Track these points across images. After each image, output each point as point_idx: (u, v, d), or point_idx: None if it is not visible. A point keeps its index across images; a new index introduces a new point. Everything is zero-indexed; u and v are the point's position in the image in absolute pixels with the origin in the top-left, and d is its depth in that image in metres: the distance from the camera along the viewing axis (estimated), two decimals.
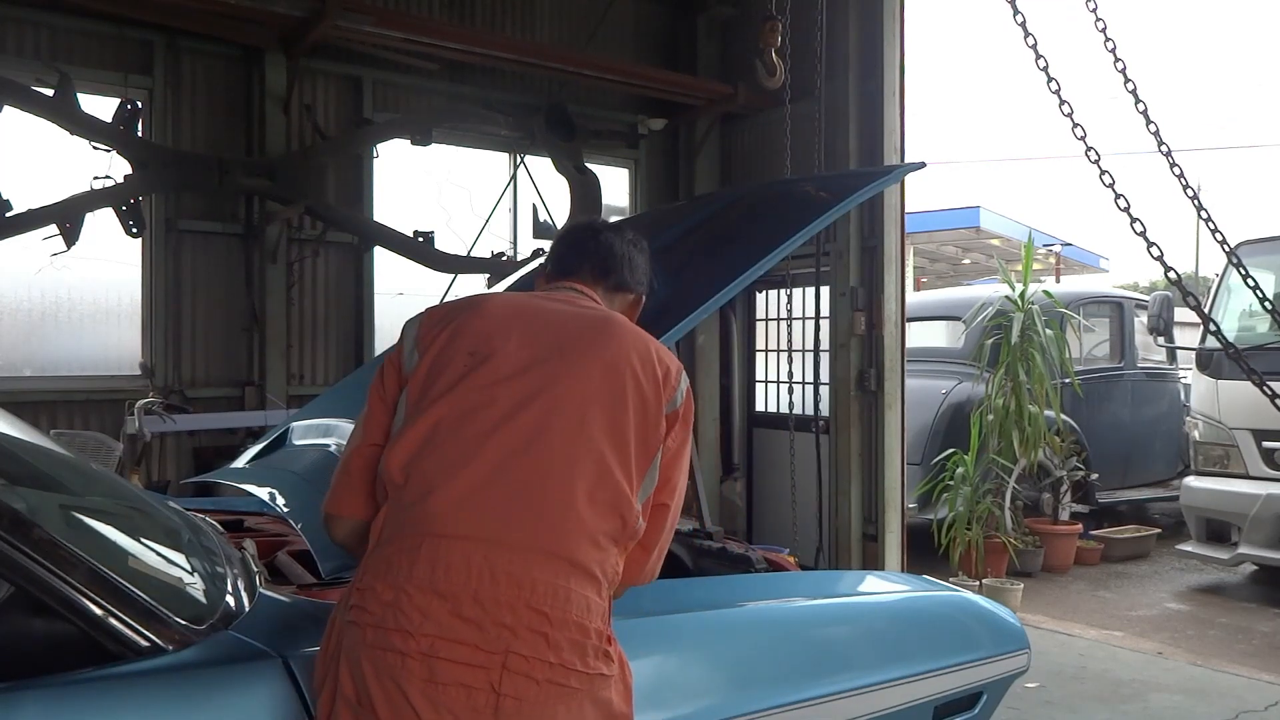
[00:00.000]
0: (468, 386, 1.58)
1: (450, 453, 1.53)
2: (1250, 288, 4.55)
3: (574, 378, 1.59)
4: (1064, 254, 19.84)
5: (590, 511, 1.52)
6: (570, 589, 1.48)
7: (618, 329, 1.69)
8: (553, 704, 1.44)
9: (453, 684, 1.41)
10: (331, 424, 2.74)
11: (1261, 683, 4.71)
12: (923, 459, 7.21)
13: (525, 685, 1.42)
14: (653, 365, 1.65)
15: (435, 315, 1.72)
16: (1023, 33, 3.82)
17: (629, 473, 1.57)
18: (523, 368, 1.60)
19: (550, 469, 1.52)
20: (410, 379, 1.64)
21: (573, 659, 1.45)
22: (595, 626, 1.50)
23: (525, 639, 1.43)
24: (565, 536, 1.49)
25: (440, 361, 1.62)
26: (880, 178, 3.08)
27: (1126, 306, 9.12)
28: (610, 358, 1.62)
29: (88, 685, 1.39)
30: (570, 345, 1.63)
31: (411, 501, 1.52)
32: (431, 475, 1.52)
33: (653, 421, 1.63)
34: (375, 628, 1.45)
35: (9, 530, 1.39)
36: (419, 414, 1.58)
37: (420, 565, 1.46)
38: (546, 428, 1.54)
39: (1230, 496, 6.56)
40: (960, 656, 2.37)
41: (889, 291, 6.03)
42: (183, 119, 5.82)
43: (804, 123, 5.69)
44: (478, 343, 1.63)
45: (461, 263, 6.27)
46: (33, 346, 5.63)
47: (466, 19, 6.72)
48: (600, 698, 1.49)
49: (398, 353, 1.73)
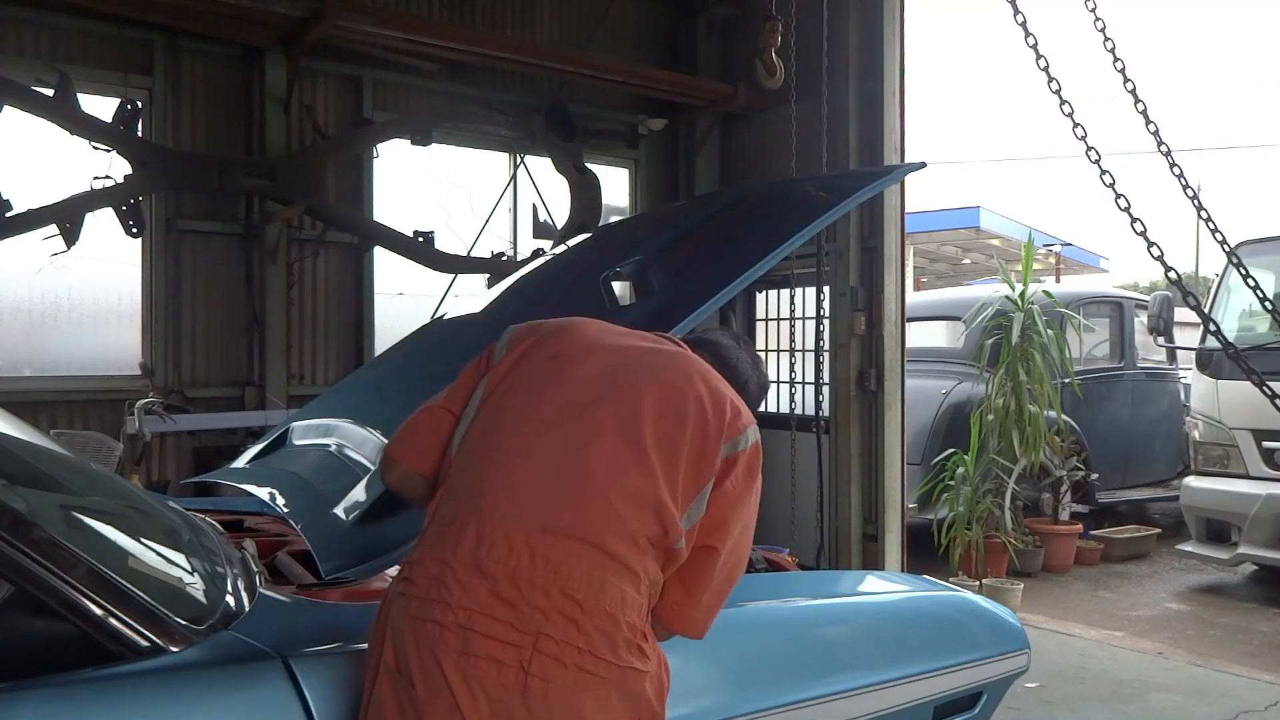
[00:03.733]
0: (540, 384, 1.67)
1: (510, 441, 1.61)
2: (1250, 288, 4.55)
3: (640, 391, 1.65)
4: (1064, 254, 19.84)
5: (631, 511, 1.55)
6: (606, 580, 1.51)
7: (698, 364, 1.76)
8: (579, 690, 1.47)
9: (484, 658, 1.45)
10: (331, 424, 2.74)
11: (1261, 683, 4.71)
12: (923, 459, 7.21)
13: (553, 668, 1.46)
14: (722, 403, 1.68)
15: (535, 324, 1.82)
16: (1023, 33, 3.82)
17: (674, 489, 1.59)
18: (595, 377, 1.67)
19: (599, 467, 1.57)
20: (493, 370, 1.74)
21: (602, 648, 1.48)
22: (628, 620, 1.52)
23: (556, 623, 1.47)
24: (605, 530, 1.53)
25: (523, 361, 1.73)
26: (880, 178, 3.07)
27: (1126, 306, 9.12)
28: (679, 383, 1.68)
29: (88, 685, 1.39)
30: (644, 365, 1.71)
31: (467, 483, 1.60)
32: (488, 460, 1.60)
33: (710, 451, 1.63)
34: (420, 599, 1.51)
35: (9, 530, 1.39)
36: (491, 403, 1.68)
37: (466, 542, 1.52)
38: (602, 430, 1.60)
39: (1230, 496, 6.56)
40: (960, 656, 2.37)
41: (889, 291, 6.03)
42: (183, 119, 5.82)
43: (805, 122, 5.68)
44: (560, 350, 1.72)
45: (461, 263, 6.26)
46: (33, 346, 5.63)
47: (466, 19, 6.72)
48: (630, 691, 1.52)
49: (492, 347, 1.82)
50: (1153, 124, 3.93)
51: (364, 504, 2.14)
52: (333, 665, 1.62)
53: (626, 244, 3.01)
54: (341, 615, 1.85)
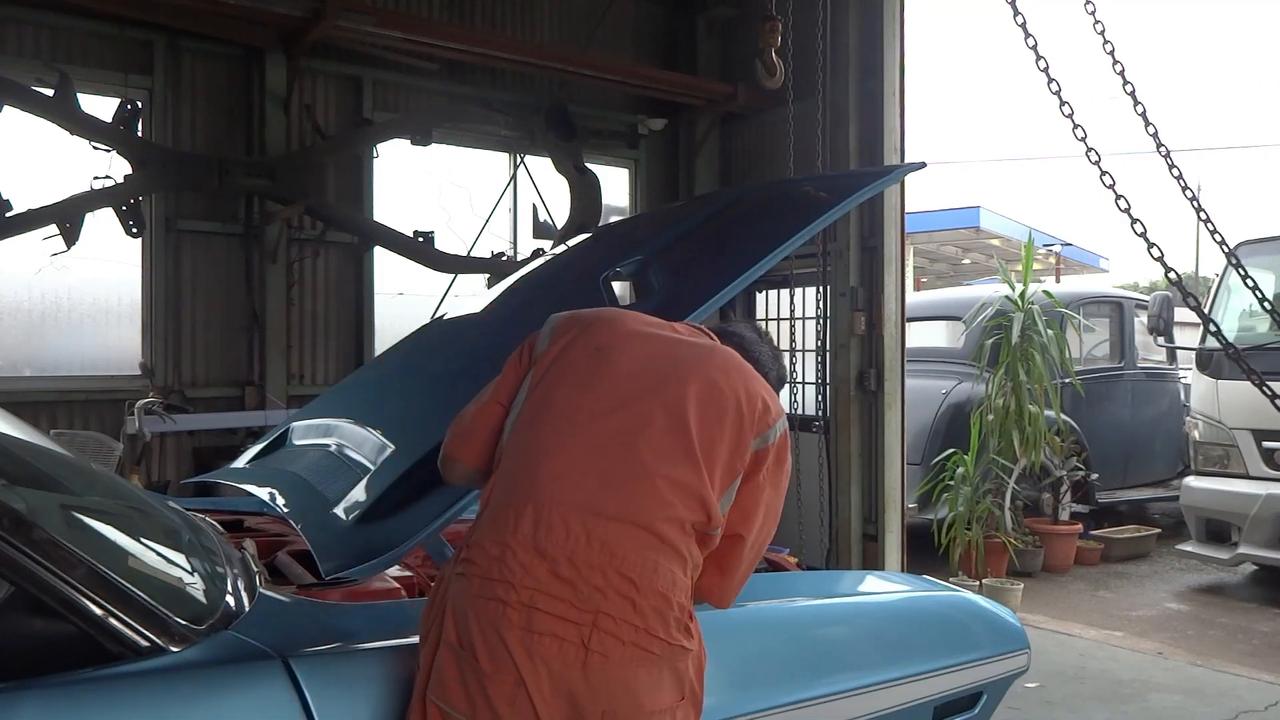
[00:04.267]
0: (587, 374, 1.73)
1: (564, 428, 1.67)
2: (1250, 288, 4.55)
3: (684, 384, 1.72)
4: (1064, 254, 19.82)
5: (678, 497, 1.63)
6: (658, 561, 1.58)
7: (733, 358, 1.84)
8: (635, 666, 1.54)
9: (547, 634, 1.52)
10: (331, 424, 2.74)
11: (1262, 683, 4.71)
12: (923, 459, 7.20)
13: (612, 644, 1.53)
14: (755, 398, 1.76)
15: (576, 314, 1.88)
16: (1023, 33, 3.82)
17: (714, 477, 1.68)
18: (640, 369, 1.74)
19: (648, 455, 1.64)
20: (538, 361, 1.79)
21: (656, 626, 1.56)
22: (679, 600, 1.60)
23: (614, 602, 1.54)
24: (655, 514, 1.60)
25: (568, 351, 1.78)
26: (880, 178, 3.07)
27: (1126, 306, 9.12)
28: (718, 377, 1.75)
29: (88, 685, 1.39)
30: (685, 358, 1.78)
31: (522, 469, 1.65)
32: (543, 447, 1.66)
33: (743, 446, 1.72)
34: (482, 579, 1.57)
35: (9, 530, 1.39)
36: (539, 392, 1.74)
37: (525, 525, 1.58)
38: (652, 421, 1.67)
39: (1230, 496, 6.56)
40: (960, 656, 2.37)
41: (889, 291, 6.03)
42: (183, 119, 5.82)
43: (805, 122, 5.68)
44: (604, 341, 1.78)
45: (461, 263, 6.27)
46: (33, 346, 5.63)
47: (466, 19, 6.72)
48: (678, 668, 1.59)
49: (534, 337, 1.87)
50: (1152, 125, 3.93)
51: (364, 504, 2.14)
52: (333, 665, 1.62)
53: (626, 244, 3.00)
54: (341, 615, 1.85)
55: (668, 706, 1.57)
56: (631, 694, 1.53)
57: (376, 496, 2.11)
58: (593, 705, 1.52)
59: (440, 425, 1.89)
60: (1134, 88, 3.91)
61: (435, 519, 1.94)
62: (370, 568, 1.95)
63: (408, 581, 2.22)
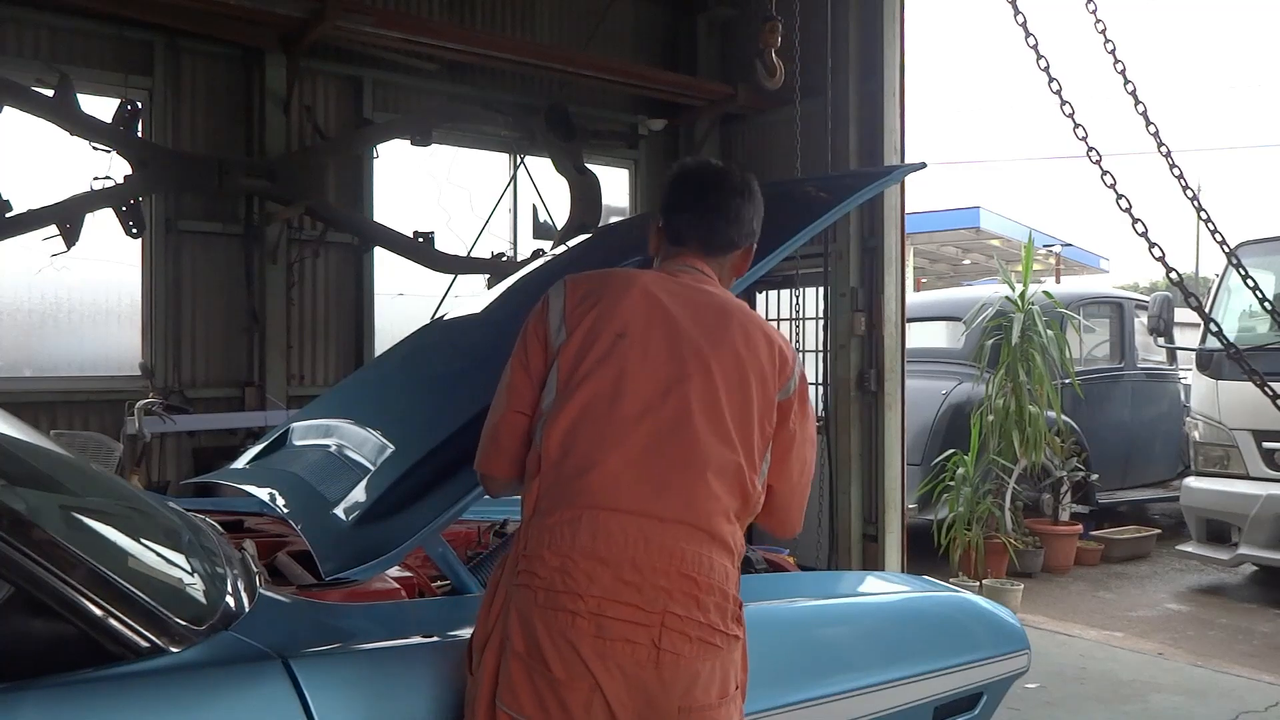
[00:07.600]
0: (616, 367, 1.72)
1: (605, 431, 1.68)
2: (1250, 288, 4.55)
3: (709, 364, 1.74)
4: (1064, 254, 19.83)
5: (723, 488, 1.68)
6: (713, 558, 1.64)
7: (747, 319, 1.84)
8: (701, 660, 1.60)
9: (619, 639, 1.56)
10: (331, 424, 2.73)
11: (1262, 683, 4.71)
12: (923, 459, 7.20)
13: (681, 641, 1.58)
14: (774, 354, 1.81)
15: (580, 289, 1.82)
16: (1024, 33, 3.82)
17: (751, 456, 1.73)
18: (666, 354, 1.74)
19: (693, 452, 1.67)
20: (560, 355, 1.76)
21: (717, 620, 1.62)
22: (733, 593, 1.66)
23: (680, 601, 1.59)
24: (706, 512, 1.65)
25: (589, 340, 1.75)
26: (881, 178, 3.07)
27: (1126, 307, 9.11)
28: (740, 350, 1.78)
29: (88, 685, 1.39)
30: (707, 335, 1.77)
31: (570, 476, 1.66)
32: (588, 452, 1.67)
33: (769, 405, 1.78)
34: (546, 590, 1.59)
35: (9, 530, 1.39)
36: (572, 391, 1.71)
37: (582, 535, 1.60)
38: (689, 414, 1.69)
39: (1230, 497, 6.56)
40: (960, 657, 2.37)
41: (889, 292, 6.03)
42: (183, 119, 5.81)
43: (805, 123, 5.68)
44: (624, 325, 1.76)
45: (461, 263, 6.26)
46: (33, 347, 5.62)
47: (466, 19, 6.72)
48: (733, 659, 1.67)
49: (540, 324, 1.82)
50: (1153, 125, 3.93)
51: (364, 504, 2.14)
52: (333, 666, 1.62)
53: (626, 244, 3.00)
54: (341, 616, 1.84)
55: (730, 694, 1.65)
56: (703, 686, 1.59)
57: (376, 497, 2.10)
58: (668, 702, 1.57)
59: (440, 425, 1.89)
60: (1135, 87, 3.91)
61: (435, 519, 1.94)
62: (370, 568, 1.95)
63: (408, 582, 2.22)
